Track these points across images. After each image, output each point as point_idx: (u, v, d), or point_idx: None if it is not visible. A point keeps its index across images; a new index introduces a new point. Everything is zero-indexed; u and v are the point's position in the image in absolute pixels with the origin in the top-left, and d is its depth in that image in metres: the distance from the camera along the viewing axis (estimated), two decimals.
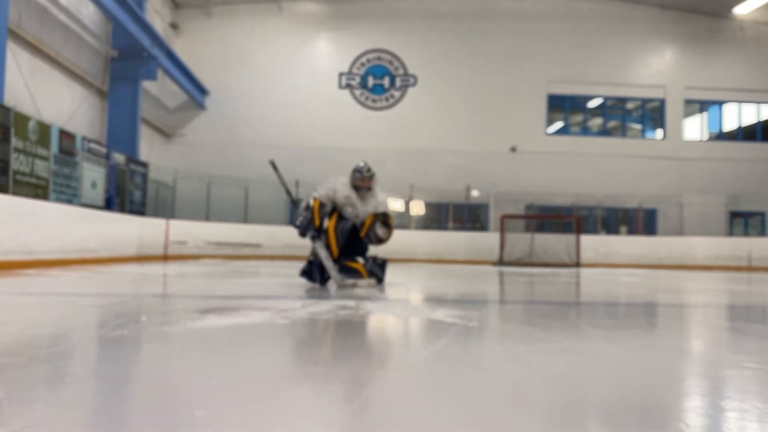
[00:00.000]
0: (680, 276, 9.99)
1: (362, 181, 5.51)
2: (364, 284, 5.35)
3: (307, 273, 5.41)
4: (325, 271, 5.27)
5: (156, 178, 14.56)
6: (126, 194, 12.04)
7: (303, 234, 5.35)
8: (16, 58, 9.99)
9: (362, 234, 5.47)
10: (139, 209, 12.78)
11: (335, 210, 5.57)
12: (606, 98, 19.32)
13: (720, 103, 19.37)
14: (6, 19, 8.78)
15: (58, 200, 9.05)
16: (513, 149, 18.55)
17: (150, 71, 13.96)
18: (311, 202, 5.43)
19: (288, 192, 6.20)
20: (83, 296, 4.07)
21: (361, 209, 5.50)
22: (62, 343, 2.21)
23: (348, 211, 5.54)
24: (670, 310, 4.28)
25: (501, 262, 14.12)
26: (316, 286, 5.21)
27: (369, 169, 5.64)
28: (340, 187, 5.59)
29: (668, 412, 1.43)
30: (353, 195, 5.51)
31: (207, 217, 16.15)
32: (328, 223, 5.45)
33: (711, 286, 7.35)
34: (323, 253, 5.24)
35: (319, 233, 5.31)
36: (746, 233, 18.20)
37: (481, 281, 7.11)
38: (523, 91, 18.66)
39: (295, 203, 6.45)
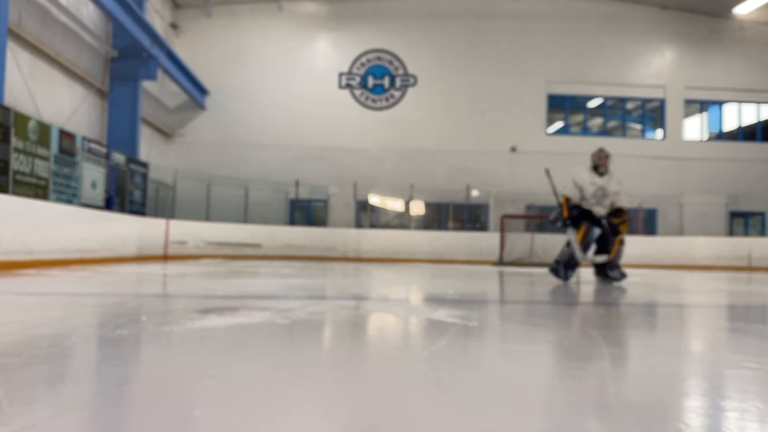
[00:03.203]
0: (680, 276, 9.99)
1: (600, 159, 6.81)
2: (601, 259, 6.79)
3: (554, 270, 6.98)
4: (569, 269, 6.85)
5: (156, 178, 14.57)
6: (126, 194, 12.05)
7: (554, 223, 7.07)
8: (16, 58, 9.99)
9: (611, 256, 6.83)
10: (139, 209, 12.79)
11: (582, 216, 6.88)
12: (606, 98, 19.33)
13: (720, 103, 19.37)
14: (6, 19, 8.78)
15: (58, 200, 9.05)
16: (513, 149, 18.56)
17: (150, 71, 13.96)
18: (560, 199, 7.00)
19: (556, 195, 7.25)
20: (83, 296, 4.07)
21: (608, 188, 6.78)
22: (62, 343, 2.20)
23: (593, 201, 6.82)
24: (670, 310, 4.28)
25: (501, 262, 14.12)
26: (562, 280, 6.83)
27: (602, 149, 6.89)
28: (581, 175, 6.92)
29: (668, 412, 1.43)
30: (596, 178, 6.82)
31: (207, 217, 16.16)
32: (577, 236, 6.86)
33: (711, 286, 7.35)
34: (572, 237, 6.79)
35: (566, 223, 6.86)
36: (746, 233, 18.20)
37: (481, 281, 7.11)
38: (523, 91, 18.67)
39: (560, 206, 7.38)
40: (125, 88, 13.78)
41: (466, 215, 18.23)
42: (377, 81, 18.70)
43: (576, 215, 6.93)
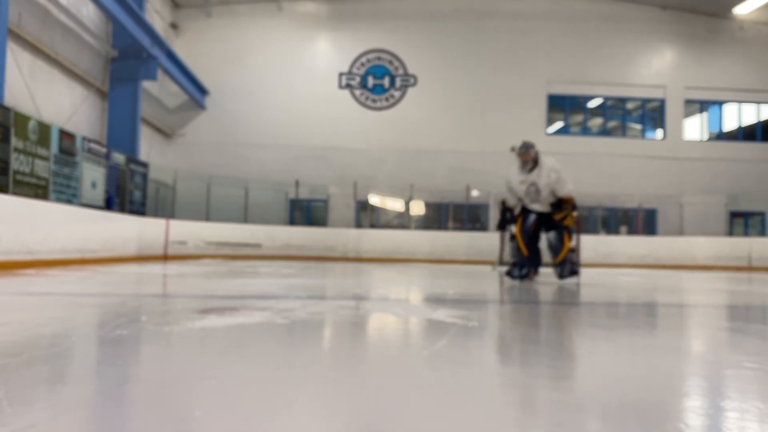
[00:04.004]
0: (680, 276, 9.99)
1: (520, 155, 6.44)
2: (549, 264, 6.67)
3: (509, 273, 6.69)
4: (523, 268, 6.56)
5: (156, 178, 14.57)
6: (126, 194, 12.05)
7: (498, 229, 7.47)
8: (16, 58, 9.99)
9: (557, 261, 6.50)
10: (139, 209, 12.79)
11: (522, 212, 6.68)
12: (606, 98, 19.32)
13: (720, 103, 19.37)
14: (6, 19, 8.78)
15: (58, 200, 9.05)
16: (513, 149, 18.54)
17: (150, 71, 13.97)
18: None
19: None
20: (83, 296, 4.07)
21: (539, 182, 6.37)
22: (62, 343, 2.20)
23: (527, 199, 6.54)
24: (670, 310, 4.28)
25: (501, 262, 14.11)
26: (516, 282, 6.37)
27: (523, 143, 6.52)
28: (509, 176, 6.64)
29: (668, 412, 1.43)
30: (524, 175, 6.44)
31: (207, 217, 16.16)
32: (515, 228, 6.70)
33: (711, 286, 7.35)
34: (514, 231, 6.80)
35: (503, 226, 7.08)
36: (746, 233, 18.20)
37: (481, 281, 7.10)
38: (523, 91, 18.67)
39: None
40: (125, 88, 13.78)
41: (466, 215, 18.23)
42: (377, 81, 18.70)
43: (511, 217, 6.88)
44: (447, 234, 16.30)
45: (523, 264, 6.59)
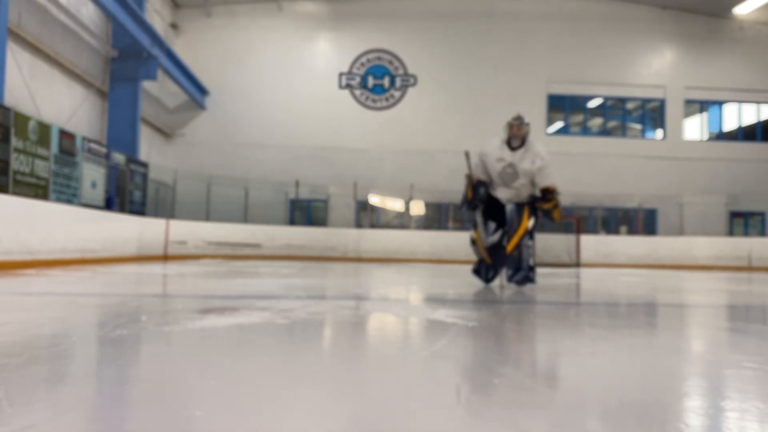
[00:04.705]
0: (680, 276, 9.99)
1: (512, 129, 5.46)
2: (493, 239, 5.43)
3: (477, 271, 5.79)
4: (489, 271, 5.58)
5: (156, 178, 14.56)
6: (126, 194, 12.05)
7: (461, 208, 5.93)
8: (16, 58, 9.99)
9: (509, 250, 5.31)
10: (139, 209, 12.78)
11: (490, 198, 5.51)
12: (606, 98, 19.32)
13: (720, 103, 19.37)
14: (6, 19, 8.78)
15: (58, 200, 9.05)
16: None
17: (150, 71, 13.96)
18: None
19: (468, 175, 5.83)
20: (83, 296, 4.07)
21: (520, 166, 5.39)
22: (62, 343, 2.20)
23: (498, 181, 5.48)
24: (670, 310, 4.28)
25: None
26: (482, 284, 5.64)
27: (519, 116, 5.55)
28: (487, 148, 5.57)
29: (668, 412, 1.43)
30: (507, 152, 5.44)
31: (207, 217, 16.16)
32: (474, 234, 5.59)
33: (711, 286, 7.35)
34: (479, 220, 5.52)
35: (472, 205, 5.53)
36: (746, 233, 18.20)
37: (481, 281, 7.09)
38: (523, 91, 18.65)
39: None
40: (125, 88, 13.77)
41: (465, 215, 18.21)
42: (377, 81, 18.70)
43: (485, 193, 5.56)
44: (447, 234, 16.29)
45: (488, 267, 5.64)
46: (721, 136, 19.47)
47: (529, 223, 5.38)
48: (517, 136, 5.47)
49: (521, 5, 18.75)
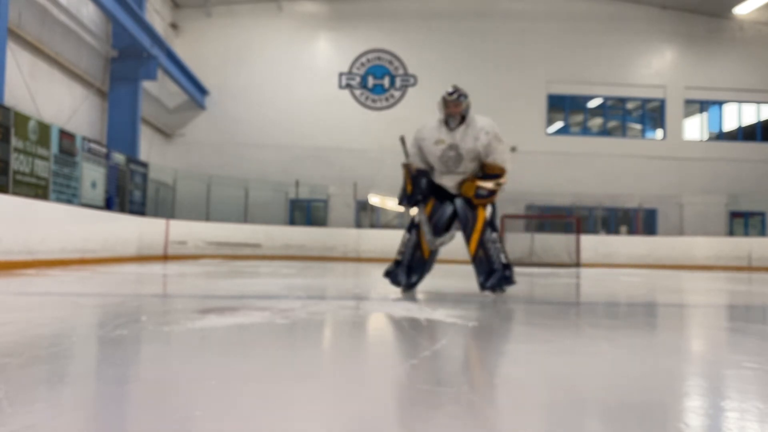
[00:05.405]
0: (680, 276, 9.99)
1: (446, 106, 4.46)
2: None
3: (391, 273, 4.74)
4: (412, 275, 4.68)
5: (156, 178, 14.56)
6: (126, 194, 12.05)
7: (401, 204, 4.77)
8: (16, 58, 9.99)
9: (472, 251, 4.65)
10: (139, 209, 12.78)
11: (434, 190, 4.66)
12: (606, 98, 19.33)
13: (720, 103, 19.37)
14: (6, 19, 8.78)
15: (58, 200, 9.05)
16: (513, 149, 18.52)
17: (150, 71, 13.96)
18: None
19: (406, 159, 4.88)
20: (83, 296, 4.07)
21: (463, 147, 4.45)
22: (62, 343, 2.20)
23: (442, 168, 4.57)
24: (670, 310, 4.28)
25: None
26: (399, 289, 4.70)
27: (454, 88, 4.53)
28: (423, 131, 4.63)
29: (668, 412, 1.43)
30: (444, 133, 4.48)
31: (207, 217, 16.16)
32: (426, 210, 4.71)
33: (711, 286, 7.35)
34: (422, 216, 4.68)
35: (412, 200, 4.67)
36: (746, 233, 18.20)
37: None
38: (523, 91, 18.66)
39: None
40: (125, 88, 13.78)
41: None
42: (377, 81, 18.70)
43: (427, 185, 4.71)
44: (446, 234, 16.26)
45: (413, 268, 4.75)
46: (721, 136, 19.48)
47: (486, 212, 4.61)
48: (455, 114, 4.45)
49: (521, 5, 18.75)
